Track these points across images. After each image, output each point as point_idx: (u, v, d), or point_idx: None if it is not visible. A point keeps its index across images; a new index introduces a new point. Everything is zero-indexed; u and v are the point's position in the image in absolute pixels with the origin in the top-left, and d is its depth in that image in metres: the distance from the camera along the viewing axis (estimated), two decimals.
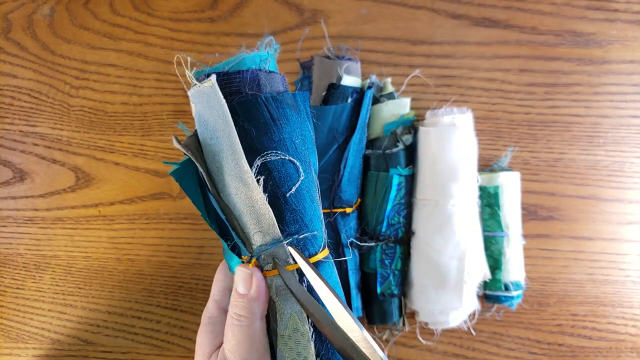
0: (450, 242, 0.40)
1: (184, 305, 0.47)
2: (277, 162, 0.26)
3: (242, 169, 0.26)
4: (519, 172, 0.43)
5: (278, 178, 0.27)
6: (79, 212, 0.47)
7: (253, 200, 0.26)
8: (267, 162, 0.26)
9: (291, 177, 0.27)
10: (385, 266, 0.41)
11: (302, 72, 0.44)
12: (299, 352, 0.26)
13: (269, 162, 0.26)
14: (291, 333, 0.26)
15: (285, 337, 0.26)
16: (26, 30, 0.47)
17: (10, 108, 0.48)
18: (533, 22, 0.45)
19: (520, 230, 0.43)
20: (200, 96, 0.26)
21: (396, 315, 0.43)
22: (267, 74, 0.27)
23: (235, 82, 0.26)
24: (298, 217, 0.27)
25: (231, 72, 0.27)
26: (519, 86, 0.45)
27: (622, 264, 0.45)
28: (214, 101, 0.26)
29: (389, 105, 0.42)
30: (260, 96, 0.26)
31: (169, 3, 0.47)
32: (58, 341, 0.47)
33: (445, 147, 0.40)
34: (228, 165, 0.26)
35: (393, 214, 0.41)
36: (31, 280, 0.48)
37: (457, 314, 0.41)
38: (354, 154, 0.41)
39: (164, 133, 0.46)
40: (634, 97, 0.45)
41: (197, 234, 0.46)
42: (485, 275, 0.42)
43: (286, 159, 0.27)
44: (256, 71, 0.27)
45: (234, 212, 0.27)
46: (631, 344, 0.45)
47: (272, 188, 0.26)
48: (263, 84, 0.27)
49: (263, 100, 0.26)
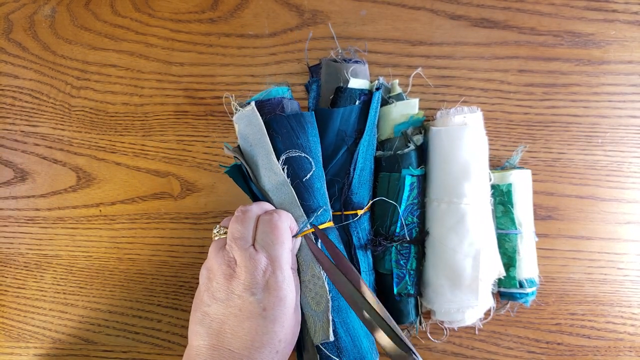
0: (465, 240, 0.40)
1: (185, 305, 0.47)
2: (296, 157, 0.38)
3: (272, 163, 0.37)
4: (530, 170, 0.43)
5: (297, 168, 0.38)
6: (80, 212, 0.47)
7: (281, 183, 0.38)
8: (289, 157, 0.38)
9: (306, 167, 0.38)
10: (401, 266, 0.41)
11: (311, 75, 0.45)
12: (316, 292, 0.37)
13: (291, 157, 0.38)
14: (310, 278, 0.37)
15: (306, 282, 0.37)
16: (27, 31, 0.48)
17: (11, 108, 0.48)
18: (532, 23, 0.45)
19: (532, 228, 0.43)
20: (243, 118, 0.38)
21: (413, 315, 0.43)
22: (288, 100, 0.40)
23: (267, 106, 0.39)
24: (312, 195, 0.38)
25: (264, 100, 0.39)
26: (517, 86, 0.45)
27: (621, 264, 0.45)
28: (254, 119, 0.38)
29: (398, 106, 0.42)
30: (284, 114, 0.38)
31: (169, 4, 0.47)
32: (59, 340, 0.47)
33: (456, 147, 0.40)
34: (262, 162, 0.38)
35: (407, 215, 0.41)
36: (32, 280, 0.48)
37: (473, 312, 0.41)
38: (363, 156, 0.41)
39: (165, 133, 0.47)
40: (632, 97, 0.45)
41: (198, 234, 0.47)
42: (500, 273, 0.42)
43: (302, 156, 0.38)
44: (280, 99, 0.39)
45: (269, 193, 0.38)
46: (629, 343, 0.45)
47: (293, 175, 0.38)
48: (286, 106, 0.39)
49: (286, 117, 0.38)
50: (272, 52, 0.46)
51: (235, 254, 0.34)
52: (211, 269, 0.35)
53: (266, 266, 0.33)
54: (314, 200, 0.38)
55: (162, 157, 0.47)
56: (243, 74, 0.46)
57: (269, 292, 0.33)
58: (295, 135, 0.38)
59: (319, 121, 0.41)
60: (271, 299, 0.33)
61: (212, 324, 0.33)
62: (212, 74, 0.46)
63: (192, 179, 0.47)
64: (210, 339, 0.32)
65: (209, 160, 0.47)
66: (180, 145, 0.47)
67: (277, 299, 0.33)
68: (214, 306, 0.33)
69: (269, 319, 0.32)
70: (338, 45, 0.46)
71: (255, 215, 0.35)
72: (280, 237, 0.34)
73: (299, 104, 0.41)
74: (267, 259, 0.33)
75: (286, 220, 0.35)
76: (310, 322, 0.37)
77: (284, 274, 0.34)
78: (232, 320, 0.32)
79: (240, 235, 0.34)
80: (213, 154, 0.47)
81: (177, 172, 0.47)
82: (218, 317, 0.33)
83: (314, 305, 0.37)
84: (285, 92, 0.40)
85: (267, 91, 0.39)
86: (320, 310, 0.36)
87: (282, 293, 0.33)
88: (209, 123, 0.46)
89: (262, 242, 0.34)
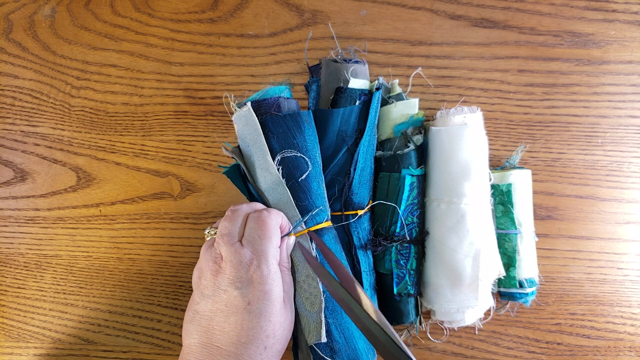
0: (465, 240, 0.40)
1: (185, 305, 0.47)
2: (292, 157, 0.38)
3: (268, 163, 0.37)
4: (530, 170, 0.43)
5: (293, 168, 0.38)
6: (80, 212, 0.47)
7: (276, 183, 0.37)
8: (285, 157, 0.38)
9: (302, 167, 0.38)
10: (401, 266, 0.42)
11: (311, 76, 0.45)
12: (310, 292, 0.37)
13: (286, 157, 0.38)
14: (304, 279, 0.37)
15: (301, 282, 0.37)
16: (27, 31, 0.48)
17: (11, 108, 0.48)
18: (532, 23, 0.45)
19: (532, 228, 0.43)
20: (241, 118, 0.38)
21: (413, 315, 0.43)
22: (285, 99, 0.39)
23: (263, 106, 0.38)
24: (307, 195, 0.38)
25: (260, 100, 0.39)
26: (517, 86, 0.45)
27: (621, 263, 0.45)
28: (250, 119, 0.37)
29: (398, 106, 0.42)
30: (280, 114, 0.38)
31: (169, 4, 0.47)
32: (59, 340, 0.47)
33: (456, 147, 0.40)
34: (259, 162, 0.38)
35: (407, 214, 0.41)
36: (32, 280, 0.48)
37: (473, 311, 0.41)
38: (364, 156, 0.41)
39: (165, 133, 0.47)
40: (632, 97, 0.45)
41: (198, 234, 0.47)
42: (500, 273, 0.42)
43: (298, 155, 0.38)
44: (277, 98, 0.39)
45: (264, 193, 0.38)
46: (629, 342, 0.45)
47: (288, 175, 0.38)
48: (282, 106, 0.38)
49: (283, 116, 0.38)
50: (272, 52, 0.46)
51: (222, 249, 0.34)
52: (200, 267, 0.35)
53: (250, 260, 0.33)
54: (310, 201, 0.38)
55: (162, 157, 0.47)
56: (243, 74, 0.46)
57: (253, 286, 0.33)
58: (292, 135, 0.38)
59: (319, 122, 0.41)
60: (256, 292, 0.33)
61: (202, 321, 0.33)
62: (212, 74, 0.46)
63: (192, 179, 0.47)
64: (199, 336, 0.33)
65: (209, 160, 0.47)
66: (180, 145, 0.47)
67: (261, 292, 0.33)
68: (202, 303, 0.34)
69: (253, 313, 0.32)
70: (338, 46, 0.46)
71: (245, 213, 0.36)
72: (267, 232, 0.34)
73: (297, 103, 0.40)
74: (253, 253, 0.33)
75: (275, 218, 0.35)
76: (305, 322, 0.37)
77: (269, 268, 0.33)
78: (219, 316, 0.33)
79: (227, 232, 0.34)
80: (213, 154, 0.47)
81: (177, 172, 0.47)
82: (206, 314, 0.33)
83: (308, 306, 0.37)
84: (282, 91, 0.39)
85: (264, 91, 0.39)
86: (315, 310, 0.36)
87: (267, 287, 0.33)
88: (209, 123, 0.46)
89: (249, 237, 0.34)
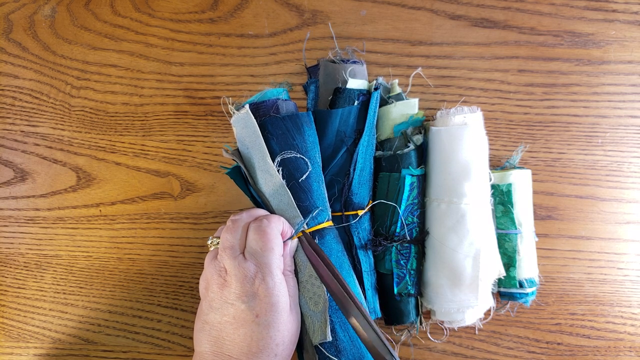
0: (465, 240, 0.40)
1: (185, 305, 0.47)
2: (292, 158, 0.38)
3: (268, 165, 0.37)
4: (530, 170, 0.43)
5: (293, 169, 0.38)
6: (80, 212, 0.47)
7: (276, 185, 0.38)
8: (285, 159, 0.38)
9: (302, 168, 0.38)
10: (401, 266, 0.42)
11: (309, 76, 0.45)
12: (314, 292, 0.37)
13: (286, 158, 0.38)
14: (307, 279, 0.37)
15: (304, 282, 0.37)
16: (27, 31, 0.48)
17: (11, 108, 0.48)
18: (532, 23, 0.45)
19: (532, 228, 0.43)
20: (239, 121, 0.38)
21: (413, 315, 0.43)
22: (283, 101, 0.39)
23: (262, 108, 0.39)
24: (308, 196, 0.38)
25: (259, 102, 0.39)
26: (517, 86, 0.45)
27: (621, 264, 0.45)
28: (249, 122, 0.38)
29: (398, 106, 0.42)
30: (278, 116, 0.38)
31: (169, 4, 0.47)
32: (59, 340, 0.47)
33: (457, 147, 0.40)
34: (259, 164, 0.38)
35: (407, 214, 0.41)
36: (32, 280, 0.48)
37: (473, 311, 0.41)
38: (363, 156, 0.41)
39: (165, 133, 0.47)
40: (632, 97, 0.45)
41: (198, 234, 0.47)
42: (500, 273, 0.42)
43: (298, 156, 0.38)
44: (275, 100, 0.39)
45: (265, 195, 0.38)
46: (629, 342, 0.45)
47: (288, 176, 0.38)
48: (281, 107, 0.39)
49: (281, 118, 0.38)
50: (272, 52, 0.46)
51: (225, 263, 0.34)
52: (207, 279, 0.36)
53: (255, 273, 0.33)
54: (311, 201, 0.38)
55: (162, 157, 0.47)
56: (243, 74, 0.46)
57: (260, 299, 0.33)
58: (291, 136, 0.38)
59: (318, 122, 0.41)
60: (263, 305, 0.33)
61: (212, 331, 0.34)
62: (212, 74, 0.46)
63: (192, 179, 0.47)
64: (211, 345, 0.34)
65: (209, 160, 0.47)
66: (180, 145, 0.47)
67: (268, 305, 0.33)
68: (211, 315, 0.34)
69: (262, 325, 0.33)
70: (337, 46, 0.46)
71: (245, 223, 0.36)
72: (268, 243, 0.34)
73: (295, 105, 0.40)
74: (256, 266, 0.34)
75: (276, 226, 0.35)
76: (309, 322, 0.37)
77: (274, 280, 0.34)
78: (228, 328, 0.33)
79: (229, 245, 0.35)
80: (213, 154, 0.47)
81: (177, 172, 0.47)
82: (216, 326, 0.34)
83: (312, 306, 0.37)
84: (280, 93, 0.40)
85: (262, 93, 0.39)
86: (319, 310, 0.36)
87: (274, 299, 0.33)
88: (209, 123, 0.46)
89: (251, 249, 0.34)
